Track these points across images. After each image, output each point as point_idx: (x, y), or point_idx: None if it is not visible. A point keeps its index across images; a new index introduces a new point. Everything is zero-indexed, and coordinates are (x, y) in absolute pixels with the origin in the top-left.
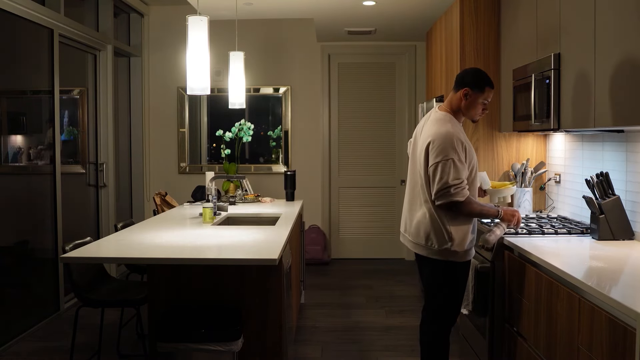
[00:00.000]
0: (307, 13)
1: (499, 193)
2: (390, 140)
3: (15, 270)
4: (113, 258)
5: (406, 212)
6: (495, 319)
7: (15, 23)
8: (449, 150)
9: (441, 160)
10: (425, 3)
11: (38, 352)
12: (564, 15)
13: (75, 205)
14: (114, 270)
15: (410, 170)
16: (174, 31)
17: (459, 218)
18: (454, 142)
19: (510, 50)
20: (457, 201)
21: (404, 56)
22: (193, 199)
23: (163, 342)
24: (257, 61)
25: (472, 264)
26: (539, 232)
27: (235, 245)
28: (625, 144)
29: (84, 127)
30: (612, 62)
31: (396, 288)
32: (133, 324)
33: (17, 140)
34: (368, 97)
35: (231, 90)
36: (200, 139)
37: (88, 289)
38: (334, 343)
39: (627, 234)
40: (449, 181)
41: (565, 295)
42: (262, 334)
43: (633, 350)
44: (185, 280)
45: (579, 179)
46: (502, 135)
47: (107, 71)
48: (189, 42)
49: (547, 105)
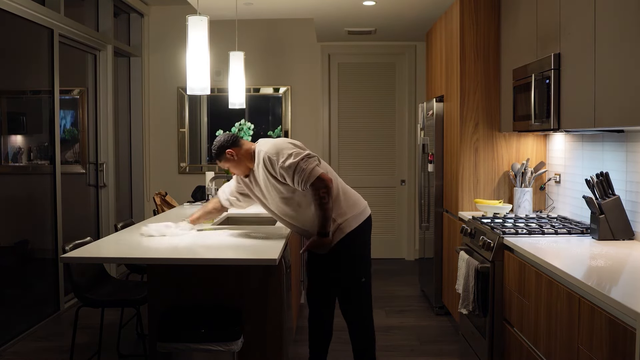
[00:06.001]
0: (307, 13)
1: (495, 209)
2: (390, 141)
3: (15, 270)
4: (113, 258)
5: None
6: (495, 319)
7: (15, 23)
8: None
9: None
10: (425, 3)
11: (38, 352)
12: (564, 15)
13: (75, 205)
14: (114, 270)
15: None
16: (174, 31)
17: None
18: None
19: (510, 50)
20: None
21: (404, 56)
22: (193, 199)
23: (163, 342)
24: (257, 61)
25: (472, 264)
26: (539, 232)
27: (235, 245)
28: (625, 144)
29: (84, 127)
30: (612, 62)
31: (396, 288)
32: (133, 324)
33: (17, 140)
34: (368, 97)
35: (231, 90)
36: (200, 139)
37: (88, 289)
38: (334, 343)
39: (627, 234)
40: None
41: (565, 295)
42: (262, 334)
43: (633, 350)
44: (185, 280)
45: (579, 179)
46: (502, 135)
47: (107, 71)
48: (189, 42)
49: (547, 105)
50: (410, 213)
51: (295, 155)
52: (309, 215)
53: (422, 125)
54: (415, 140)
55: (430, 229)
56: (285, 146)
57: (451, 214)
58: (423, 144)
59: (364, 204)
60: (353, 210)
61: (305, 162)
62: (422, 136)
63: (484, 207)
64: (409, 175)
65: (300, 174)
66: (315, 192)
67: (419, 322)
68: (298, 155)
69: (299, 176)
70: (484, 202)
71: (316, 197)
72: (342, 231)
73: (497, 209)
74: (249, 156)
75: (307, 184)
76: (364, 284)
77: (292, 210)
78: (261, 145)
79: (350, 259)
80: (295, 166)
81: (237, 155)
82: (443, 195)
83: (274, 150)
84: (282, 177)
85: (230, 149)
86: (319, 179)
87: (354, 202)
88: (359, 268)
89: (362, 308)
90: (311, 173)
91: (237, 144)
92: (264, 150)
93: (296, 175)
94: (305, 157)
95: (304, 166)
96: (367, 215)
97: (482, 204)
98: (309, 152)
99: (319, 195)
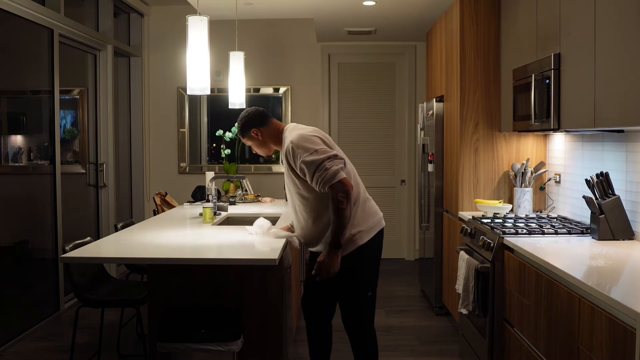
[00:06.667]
0: (307, 13)
1: (495, 209)
2: (390, 141)
3: (15, 270)
4: (113, 258)
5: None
6: (495, 319)
7: (15, 23)
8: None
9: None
10: (425, 3)
11: (38, 352)
12: (564, 15)
13: (75, 205)
14: (114, 270)
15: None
16: (174, 31)
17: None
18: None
19: (510, 50)
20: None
21: (404, 56)
22: (193, 199)
23: (163, 342)
24: (257, 61)
25: (472, 264)
26: (539, 232)
27: (235, 245)
28: (625, 144)
29: (84, 127)
30: (612, 62)
31: (396, 288)
32: (133, 324)
33: (17, 140)
34: (368, 97)
35: (231, 90)
36: (200, 139)
37: (88, 289)
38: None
39: (627, 234)
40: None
41: (565, 295)
42: (262, 334)
43: (633, 350)
44: (185, 280)
45: (579, 179)
46: (502, 135)
47: (107, 71)
48: (189, 42)
49: (547, 105)
50: (410, 213)
51: (320, 152)
52: (320, 227)
53: (422, 125)
54: (415, 140)
55: (430, 229)
56: (313, 140)
57: (451, 214)
58: (423, 144)
59: (380, 216)
60: (368, 222)
61: (329, 162)
62: (422, 136)
63: (484, 207)
64: (409, 175)
65: (322, 173)
66: (334, 195)
67: (419, 322)
68: (324, 153)
69: (319, 175)
70: (484, 202)
71: (334, 200)
72: (354, 243)
73: (497, 209)
74: (275, 137)
75: (327, 186)
76: (370, 298)
77: (304, 210)
78: (289, 130)
79: (361, 272)
80: (319, 164)
81: (262, 135)
82: (443, 195)
83: (300, 141)
84: (302, 171)
85: (256, 127)
86: (340, 183)
87: (371, 214)
88: (367, 282)
89: (367, 321)
90: (334, 175)
91: (265, 122)
92: (290, 138)
93: (317, 173)
94: (332, 157)
95: (327, 165)
96: (381, 228)
97: (482, 204)
98: (336, 153)
99: (337, 199)
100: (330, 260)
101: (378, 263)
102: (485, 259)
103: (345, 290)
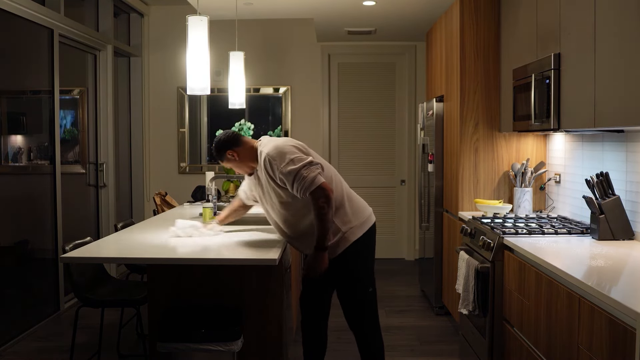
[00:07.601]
0: (307, 13)
1: (495, 209)
2: (390, 140)
3: (15, 270)
4: (113, 258)
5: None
6: (495, 319)
7: (15, 23)
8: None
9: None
10: (425, 3)
11: (38, 352)
12: (564, 15)
13: (75, 205)
14: (114, 270)
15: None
16: (174, 31)
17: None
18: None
19: (510, 50)
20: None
21: (404, 56)
22: (193, 199)
23: (163, 342)
24: (257, 61)
25: (472, 264)
26: (539, 232)
27: (235, 245)
28: (625, 144)
29: (84, 127)
30: (612, 62)
31: (396, 288)
32: (133, 324)
33: (17, 140)
34: (368, 97)
35: (231, 90)
36: (200, 139)
37: (88, 289)
38: (334, 343)
39: (627, 234)
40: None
41: (565, 295)
42: (262, 334)
43: (633, 350)
44: (185, 280)
45: (579, 179)
46: (502, 135)
47: (107, 71)
48: (189, 42)
49: (547, 105)
50: (410, 213)
51: (296, 161)
52: (307, 225)
53: (422, 125)
54: (415, 140)
55: (430, 229)
56: (288, 149)
57: (451, 214)
58: (423, 144)
59: (369, 211)
60: (358, 218)
61: (306, 170)
62: (422, 136)
63: (484, 207)
64: (409, 175)
65: (301, 181)
66: (315, 201)
67: (419, 322)
68: (300, 162)
69: (298, 184)
70: (484, 202)
71: (315, 206)
72: (347, 240)
73: (497, 209)
74: (251, 155)
75: (307, 192)
76: (371, 294)
77: (290, 215)
78: (263, 145)
79: (358, 269)
80: (296, 173)
81: (238, 156)
82: (443, 195)
83: (276, 153)
84: (282, 181)
85: (231, 149)
86: (320, 188)
87: (359, 210)
88: (366, 278)
89: (371, 318)
90: (312, 181)
91: (238, 143)
92: (265, 152)
93: (296, 182)
94: (307, 164)
95: (304, 174)
96: (373, 223)
97: (482, 204)
98: (312, 159)
99: (318, 204)
100: (316, 261)
101: (373, 258)
102: (485, 259)
103: (346, 290)
